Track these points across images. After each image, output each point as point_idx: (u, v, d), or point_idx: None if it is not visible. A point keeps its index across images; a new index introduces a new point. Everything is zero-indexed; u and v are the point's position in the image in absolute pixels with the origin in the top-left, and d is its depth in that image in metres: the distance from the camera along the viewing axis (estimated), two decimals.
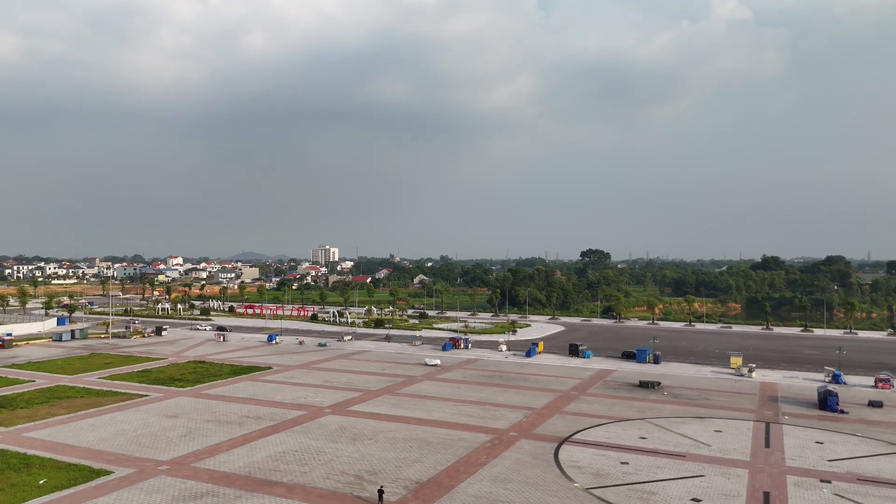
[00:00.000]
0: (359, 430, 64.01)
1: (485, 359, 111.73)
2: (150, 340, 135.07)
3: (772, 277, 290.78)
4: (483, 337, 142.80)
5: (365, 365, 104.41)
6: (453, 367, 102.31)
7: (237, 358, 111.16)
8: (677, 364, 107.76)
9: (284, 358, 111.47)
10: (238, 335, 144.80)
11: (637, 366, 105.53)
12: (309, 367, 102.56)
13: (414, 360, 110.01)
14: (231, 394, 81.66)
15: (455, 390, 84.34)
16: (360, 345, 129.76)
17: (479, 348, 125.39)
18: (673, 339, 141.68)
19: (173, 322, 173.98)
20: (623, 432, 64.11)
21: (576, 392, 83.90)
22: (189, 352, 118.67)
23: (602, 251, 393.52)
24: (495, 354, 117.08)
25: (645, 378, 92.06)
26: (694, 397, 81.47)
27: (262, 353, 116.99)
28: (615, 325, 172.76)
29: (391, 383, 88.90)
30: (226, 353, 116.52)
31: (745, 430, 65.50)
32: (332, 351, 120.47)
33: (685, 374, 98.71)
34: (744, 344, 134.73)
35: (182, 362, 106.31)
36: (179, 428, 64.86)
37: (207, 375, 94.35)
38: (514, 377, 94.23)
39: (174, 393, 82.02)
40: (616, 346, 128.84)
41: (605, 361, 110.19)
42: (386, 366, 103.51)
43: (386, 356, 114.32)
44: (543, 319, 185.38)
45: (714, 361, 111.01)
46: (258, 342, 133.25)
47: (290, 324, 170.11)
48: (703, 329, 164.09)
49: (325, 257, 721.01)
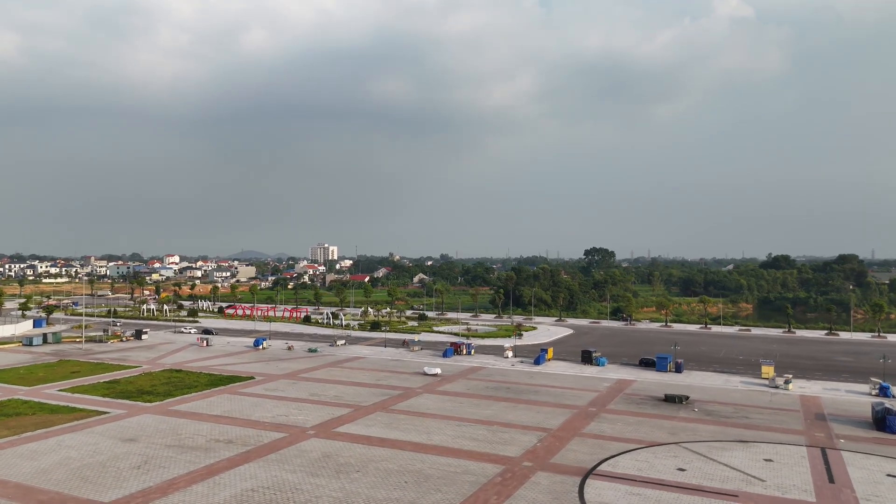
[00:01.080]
0: (345, 459, 54.18)
1: (489, 367, 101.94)
2: (127, 345, 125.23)
3: (784, 277, 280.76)
4: (487, 341, 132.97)
5: (357, 374, 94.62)
6: (455, 377, 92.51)
7: (218, 366, 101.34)
8: (701, 373, 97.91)
9: (270, 366, 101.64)
10: (224, 339, 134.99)
11: (658, 375, 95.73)
12: (296, 376, 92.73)
13: (412, 368, 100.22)
14: (203, 410, 71.82)
15: (458, 406, 74.51)
16: (354, 350, 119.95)
17: (482, 354, 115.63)
18: (690, 343, 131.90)
19: (157, 324, 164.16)
20: (656, 461, 54.29)
21: (594, 408, 74.06)
22: (167, 358, 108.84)
23: (606, 249, 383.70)
24: (501, 361, 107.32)
25: (671, 391, 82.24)
26: (729, 415, 71.63)
27: (246, 360, 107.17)
28: (626, 328, 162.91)
29: (385, 397, 79.07)
30: (206, 360, 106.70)
31: (799, 459, 55.67)
32: (322, 357, 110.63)
33: (713, 385, 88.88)
34: (768, 349, 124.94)
35: (156, 371, 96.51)
36: (134, 456, 55.02)
37: (181, 387, 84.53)
38: (523, 389, 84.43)
39: (139, 409, 72.17)
40: (631, 352, 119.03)
41: (621, 370, 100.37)
42: (381, 375, 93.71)
43: (381, 364, 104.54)
44: (550, 321, 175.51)
45: (741, 370, 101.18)
46: (244, 347, 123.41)
47: (282, 326, 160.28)
48: (720, 332, 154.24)
49: (324, 256, 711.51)
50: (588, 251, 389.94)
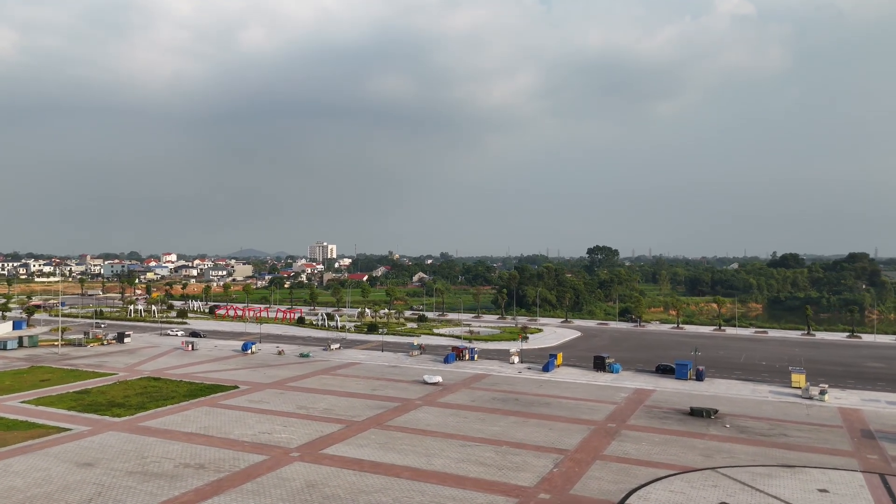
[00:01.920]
0: (332, 490, 46.57)
1: (494, 374, 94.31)
2: (107, 349, 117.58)
3: (794, 276, 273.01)
4: (490, 345, 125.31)
5: (351, 383, 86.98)
6: (458, 386, 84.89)
7: (201, 373, 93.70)
8: (725, 382, 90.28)
9: (257, 373, 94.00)
10: (211, 342, 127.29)
11: (678, 384, 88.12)
12: (284, 385, 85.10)
13: (410, 375, 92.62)
14: (177, 426, 64.20)
15: (461, 421, 66.88)
16: (350, 355, 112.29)
17: (486, 359, 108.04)
18: (706, 347, 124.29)
19: (143, 326, 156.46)
20: (694, 492, 46.67)
21: (614, 424, 66.45)
22: (147, 364, 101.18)
23: (610, 248, 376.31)
24: (506, 368, 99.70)
25: (696, 403, 74.64)
26: (766, 432, 64.02)
27: (231, 367, 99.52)
28: (636, 330, 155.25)
29: (381, 410, 71.43)
30: (189, 367, 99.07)
31: (857, 488, 48.07)
32: (314, 363, 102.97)
33: (740, 395, 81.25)
34: (790, 354, 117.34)
35: (133, 379, 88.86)
36: (88, 486, 47.40)
37: (157, 398, 76.90)
38: (532, 401, 76.80)
39: (105, 426, 64.54)
40: (645, 357, 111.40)
41: (637, 378, 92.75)
42: (377, 384, 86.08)
43: (378, 370, 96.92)
44: (555, 323, 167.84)
45: (767, 378, 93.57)
46: (232, 351, 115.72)
47: (274, 328, 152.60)
48: (735, 335, 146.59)
49: (323, 254, 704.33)
50: (591, 249, 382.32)
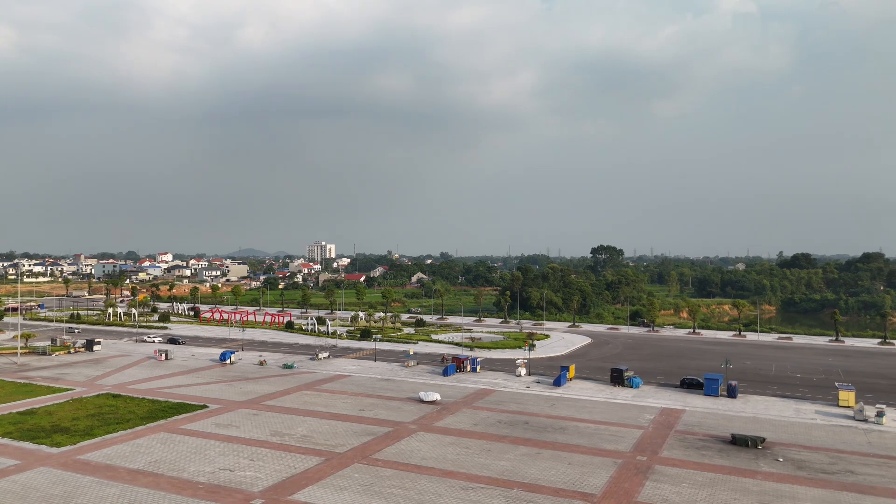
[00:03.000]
0: None
1: (500, 389, 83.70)
2: (73, 358, 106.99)
3: (808, 276, 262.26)
4: (494, 353, 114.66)
5: (337, 401, 76.39)
6: (458, 406, 74.28)
7: (168, 388, 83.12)
8: (761, 399, 79.67)
9: (232, 388, 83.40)
10: (189, 350, 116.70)
11: (709, 402, 77.51)
12: (259, 404, 74.52)
13: (405, 391, 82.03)
14: (123, 460, 53.65)
15: (462, 453, 56.28)
16: (339, 365, 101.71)
17: (489, 370, 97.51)
18: (730, 356, 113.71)
19: (120, 331, 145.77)
20: None
21: (644, 456, 55.86)
22: (111, 378, 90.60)
23: (614, 248, 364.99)
24: (512, 381, 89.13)
25: (737, 428, 64.07)
26: (827, 467, 53.45)
27: (205, 380, 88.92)
28: (650, 336, 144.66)
29: (368, 437, 60.86)
30: (158, 380, 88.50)
31: None
32: (298, 376, 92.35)
33: (783, 417, 70.64)
34: (824, 364, 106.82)
35: (90, 396, 78.31)
36: None
37: (110, 421, 66.38)
38: (545, 425, 66.22)
39: (38, 458, 53.99)
40: (665, 368, 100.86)
41: (661, 394, 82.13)
42: (366, 403, 75.47)
43: (368, 385, 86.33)
44: (562, 327, 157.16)
45: (808, 394, 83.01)
46: (209, 361, 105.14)
47: (260, 334, 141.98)
48: (757, 341, 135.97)
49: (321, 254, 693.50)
50: (595, 249, 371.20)
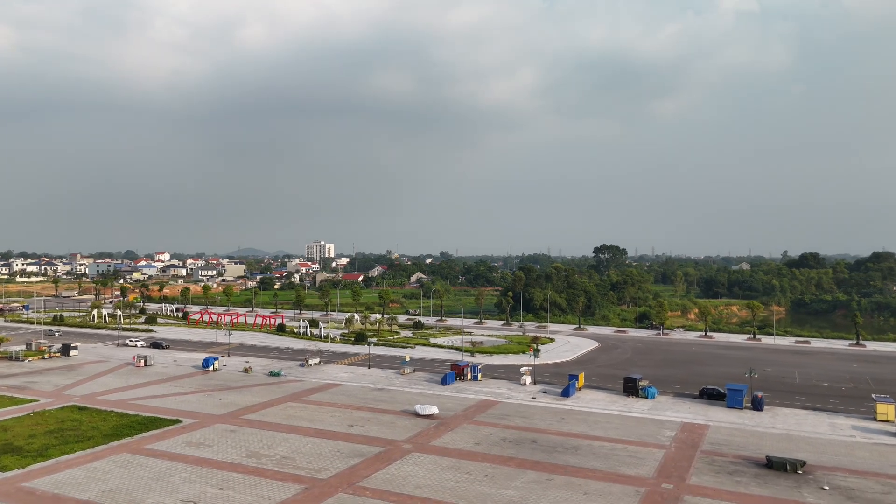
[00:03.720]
0: None
1: (504, 401, 76.71)
2: (47, 364, 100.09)
3: (819, 276, 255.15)
4: (496, 359, 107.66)
5: (325, 415, 69.45)
6: (458, 420, 67.33)
7: (142, 399, 76.18)
8: (790, 412, 72.66)
9: (211, 399, 76.45)
10: (171, 356, 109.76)
11: (733, 416, 70.54)
12: (239, 418, 67.60)
13: (399, 402, 75.08)
14: (74, 488, 46.74)
15: (463, 479, 49.31)
16: (330, 373, 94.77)
17: (491, 378, 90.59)
18: (748, 362, 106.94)
19: (102, 334, 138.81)
20: None
21: (670, 483, 48.89)
22: (81, 387, 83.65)
23: (617, 247, 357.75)
24: (517, 391, 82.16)
25: (769, 448, 57.14)
26: (881, 497, 46.51)
27: (183, 390, 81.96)
28: (660, 339, 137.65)
29: (356, 459, 53.90)
30: (132, 390, 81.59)
31: None
32: (284, 385, 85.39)
33: (818, 434, 63.66)
34: (850, 371, 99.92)
35: (54, 408, 71.39)
36: None
37: (69, 439, 59.50)
38: (555, 443, 59.25)
39: None
40: (681, 376, 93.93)
41: (680, 406, 75.12)
42: (356, 417, 68.53)
43: (360, 395, 79.36)
44: (567, 330, 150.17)
45: (839, 406, 76.03)
46: (191, 368, 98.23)
47: (250, 337, 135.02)
48: (773, 345, 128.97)
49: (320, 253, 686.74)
50: (598, 249, 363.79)
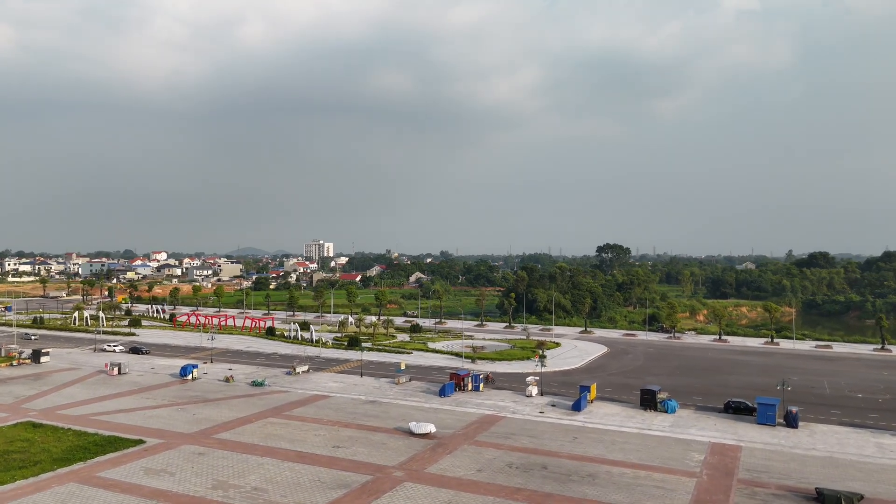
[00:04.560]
0: None
1: (508, 416, 69.09)
2: (12, 372, 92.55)
3: (830, 276, 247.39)
4: (499, 366, 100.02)
5: (308, 433, 61.85)
6: (457, 440, 59.73)
7: (107, 414, 68.59)
8: (828, 430, 65.01)
9: (182, 415, 68.84)
10: (150, 362, 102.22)
11: (766, 434, 62.93)
12: (210, 437, 60.03)
13: (393, 418, 67.50)
14: None
15: None
16: (318, 382, 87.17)
17: (495, 389, 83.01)
18: (771, 369, 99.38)
19: (81, 338, 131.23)
20: None
21: None
22: (44, 399, 76.04)
23: (621, 246, 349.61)
24: (522, 403, 74.56)
25: (817, 477, 49.51)
26: None
27: (154, 402, 74.36)
28: (672, 344, 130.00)
29: (339, 492, 46.33)
30: (98, 403, 74.01)
31: None
32: (267, 397, 77.76)
33: (865, 457, 56.02)
34: (882, 379, 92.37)
35: (7, 425, 63.93)
36: None
37: (13, 464, 52.04)
38: (568, 469, 51.65)
39: None
40: (700, 386, 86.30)
41: (705, 422, 67.47)
42: (343, 436, 60.92)
43: (349, 409, 71.76)
44: (573, 333, 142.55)
45: (880, 421, 68.38)
46: (169, 376, 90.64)
47: (237, 341, 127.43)
48: (793, 350, 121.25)
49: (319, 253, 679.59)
50: (601, 248, 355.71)
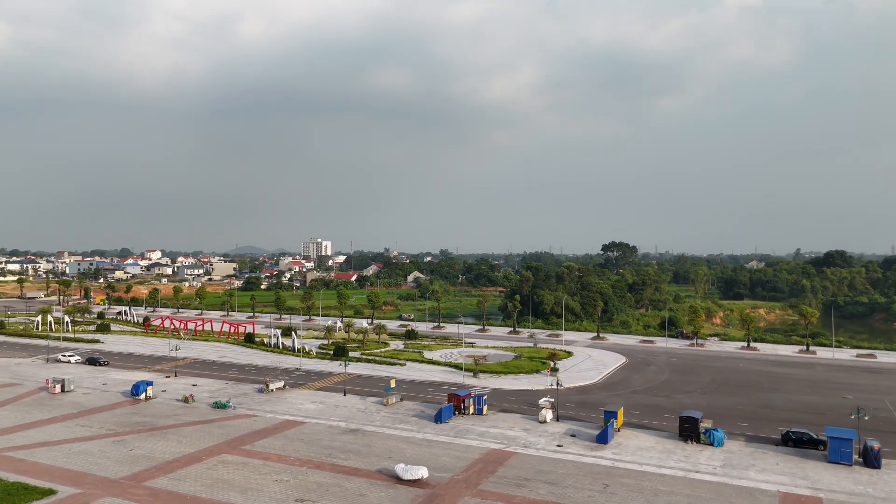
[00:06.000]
0: None
1: (519, 451, 56.11)
2: None
3: (851, 276, 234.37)
4: (505, 381, 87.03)
5: (268, 478, 48.84)
6: (456, 490, 46.77)
7: (25, 449, 55.67)
8: None
9: (119, 449, 55.85)
10: (103, 377, 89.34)
11: (842, 476, 50.02)
12: (141, 485, 47.08)
13: (377, 454, 54.56)
14: None
15: None
16: (293, 402, 74.20)
17: (501, 410, 70.08)
18: (816, 386, 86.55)
19: (39, 346, 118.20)
20: None
21: None
22: None
23: (627, 244, 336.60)
24: (535, 432, 61.58)
25: None
26: None
27: (89, 432, 61.42)
28: (697, 353, 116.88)
29: None
30: (21, 432, 61.11)
31: None
32: (228, 424, 64.76)
33: None
34: None
35: None
36: None
37: None
38: None
39: None
40: (744, 408, 73.26)
41: (763, 460, 54.48)
42: (312, 483, 47.94)
43: (325, 441, 58.78)
44: (584, 340, 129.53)
45: None
46: (119, 395, 77.71)
47: (212, 349, 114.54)
48: (833, 361, 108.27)
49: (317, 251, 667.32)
50: (606, 246, 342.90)
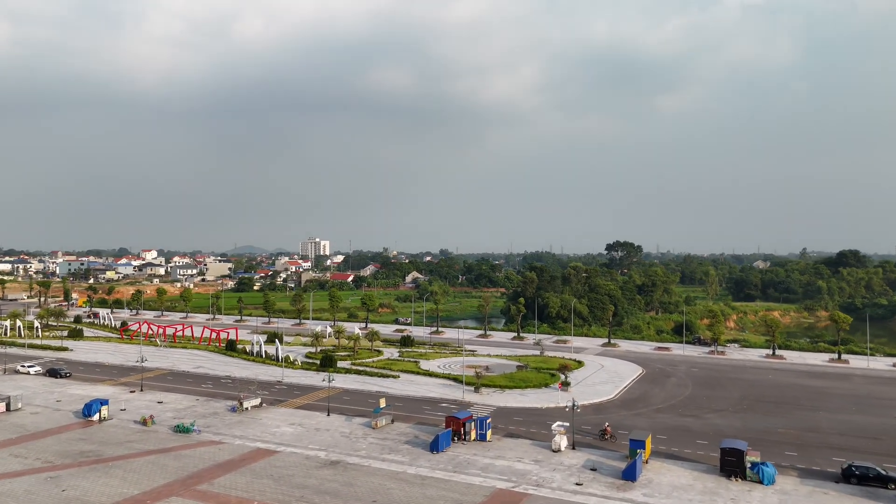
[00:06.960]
0: None
1: (531, 492, 46.57)
2: None
3: (868, 277, 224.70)
4: (510, 397, 77.43)
5: None
6: None
7: None
8: None
9: (47, 492, 46.35)
10: (59, 392, 79.76)
11: None
12: None
13: (357, 499, 45.04)
14: None
15: None
16: (267, 424, 64.61)
17: (507, 436, 60.61)
18: (861, 402, 77.18)
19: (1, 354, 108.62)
20: None
21: None
22: None
23: (632, 244, 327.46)
24: (548, 464, 52.09)
25: None
26: None
27: (22, 465, 51.87)
28: (717, 361, 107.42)
29: None
30: None
31: None
32: (186, 453, 55.17)
33: None
34: None
35: None
36: None
37: None
38: None
39: None
40: (785, 431, 63.85)
41: (821, 502, 44.98)
42: None
43: (298, 478, 49.24)
44: (594, 347, 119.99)
45: None
46: (71, 416, 68.15)
47: (188, 357, 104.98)
48: (869, 371, 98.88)
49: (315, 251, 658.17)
50: (610, 245, 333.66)
